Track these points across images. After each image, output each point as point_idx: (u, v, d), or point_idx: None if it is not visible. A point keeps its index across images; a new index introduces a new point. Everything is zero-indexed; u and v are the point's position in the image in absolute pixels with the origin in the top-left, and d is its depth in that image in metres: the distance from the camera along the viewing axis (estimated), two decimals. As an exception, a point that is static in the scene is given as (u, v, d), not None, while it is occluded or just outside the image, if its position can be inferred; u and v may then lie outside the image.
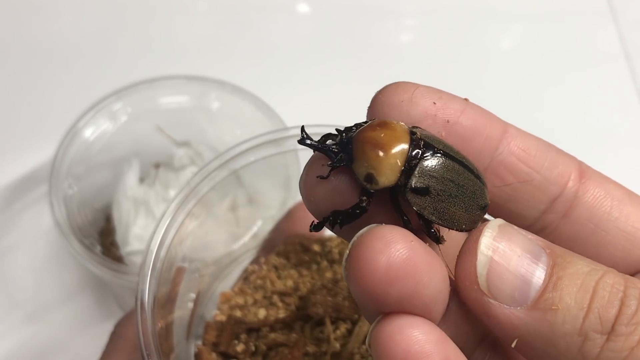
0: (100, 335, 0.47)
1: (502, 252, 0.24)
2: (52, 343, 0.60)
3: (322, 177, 0.25)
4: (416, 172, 0.25)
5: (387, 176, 0.24)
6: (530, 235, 0.25)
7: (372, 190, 0.25)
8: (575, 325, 0.23)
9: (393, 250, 0.22)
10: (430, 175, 0.25)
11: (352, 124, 0.26)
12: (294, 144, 0.46)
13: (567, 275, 0.23)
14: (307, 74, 0.79)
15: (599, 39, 0.85)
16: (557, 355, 0.23)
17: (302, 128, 0.26)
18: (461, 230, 0.27)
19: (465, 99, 0.28)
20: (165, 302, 0.41)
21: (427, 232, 0.26)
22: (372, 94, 0.27)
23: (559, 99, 0.78)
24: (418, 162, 0.25)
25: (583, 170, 0.29)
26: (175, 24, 0.84)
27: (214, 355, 0.46)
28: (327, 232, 0.54)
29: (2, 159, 0.69)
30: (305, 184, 0.26)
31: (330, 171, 0.25)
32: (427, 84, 0.27)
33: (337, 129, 0.26)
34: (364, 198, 0.25)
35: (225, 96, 0.64)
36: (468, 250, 0.24)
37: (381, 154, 0.24)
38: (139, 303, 0.37)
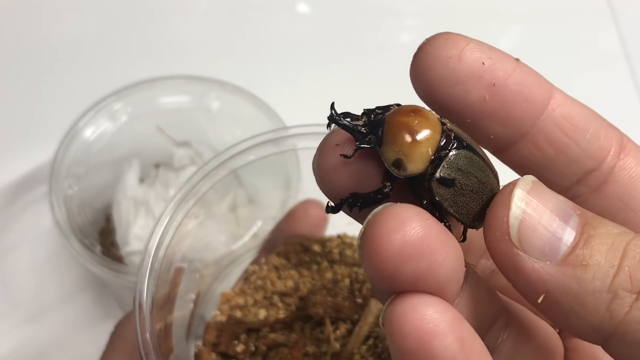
0: (100, 335, 0.47)
1: (536, 206, 0.24)
2: (52, 343, 0.60)
3: (346, 157, 0.24)
4: (444, 163, 0.24)
5: (417, 164, 0.24)
6: (562, 197, 0.24)
7: (398, 177, 0.24)
8: (605, 282, 0.22)
9: (408, 228, 0.22)
10: (457, 168, 0.25)
11: (375, 107, 0.26)
12: (293, 143, 0.46)
13: (598, 235, 0.23)
14: (307, 74, 0.79)
15: (599, 39, 0.85)
16: (585, 314, 0.23)
17: (332, 105, 0.25)
18: (472, 227, 0.26)
19: (517, 59, 0.26)
20: (165, 302, 0.41)
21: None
22: (373, 94, 0.27)
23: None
24: (447, 153, 0.25)
25: (624, 145, 0.28)
26: (175, 24, 0.84)
27: (213, 355, 0.46)
28: (327, 233, 0.54)
29: (2, 159, 0.69)
30: (319, 164, 0.25)
31: (355, 151, 0.24)
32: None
33: (364, 109, 0.26)
34: (387, 184, 0.24)
35: (225, 96, 0.64)
36: (501, 201, 0.24)
37: (414, 141, 0.24)
38: (137, 304, 0.37)
